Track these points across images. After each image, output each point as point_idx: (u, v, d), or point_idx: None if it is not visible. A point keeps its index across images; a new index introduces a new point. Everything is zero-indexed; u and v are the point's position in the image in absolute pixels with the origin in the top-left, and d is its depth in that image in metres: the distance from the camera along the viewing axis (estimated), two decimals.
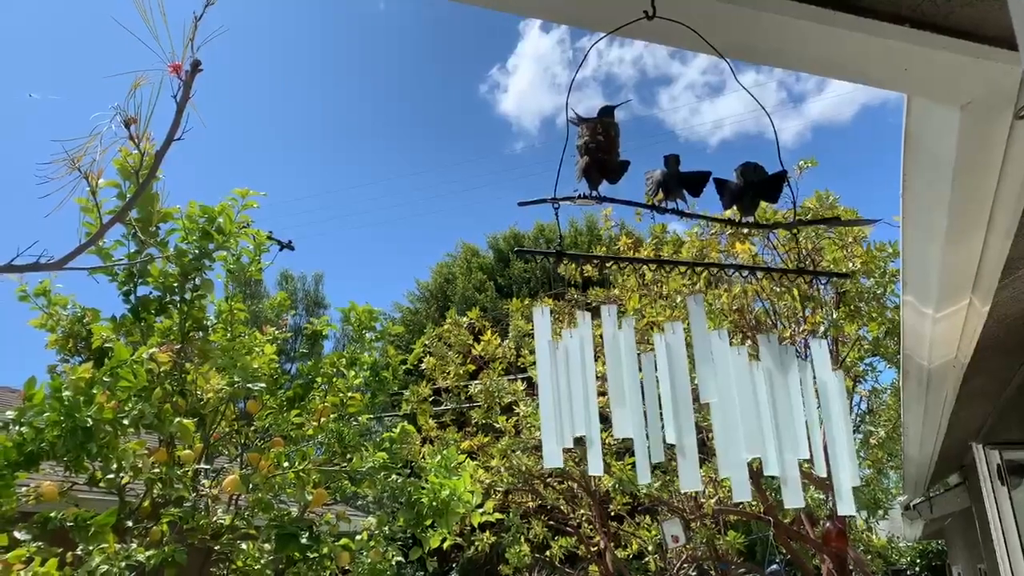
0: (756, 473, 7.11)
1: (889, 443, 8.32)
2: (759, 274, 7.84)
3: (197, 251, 4.68)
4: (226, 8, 2.06)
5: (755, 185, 1.92)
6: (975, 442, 5.31)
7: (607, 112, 1.87)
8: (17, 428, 3.65)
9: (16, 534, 3.60)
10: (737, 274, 7.80)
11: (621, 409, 1.84)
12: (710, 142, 31.02)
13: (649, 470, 1.88)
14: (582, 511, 11.25)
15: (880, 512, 9.40)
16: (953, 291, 2.96)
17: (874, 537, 10.97)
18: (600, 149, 1.82)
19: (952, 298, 3.04)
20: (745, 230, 7.64)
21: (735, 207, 1.96)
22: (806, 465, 1.99)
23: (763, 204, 2.23)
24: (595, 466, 1.86)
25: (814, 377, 1.98)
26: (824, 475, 1.96)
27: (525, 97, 40.09)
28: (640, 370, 1.92)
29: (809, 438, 1.91)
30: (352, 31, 38.82)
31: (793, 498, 1.90)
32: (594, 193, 1.83)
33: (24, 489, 3.85)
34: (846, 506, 1.91)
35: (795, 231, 2.31)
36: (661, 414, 1.91)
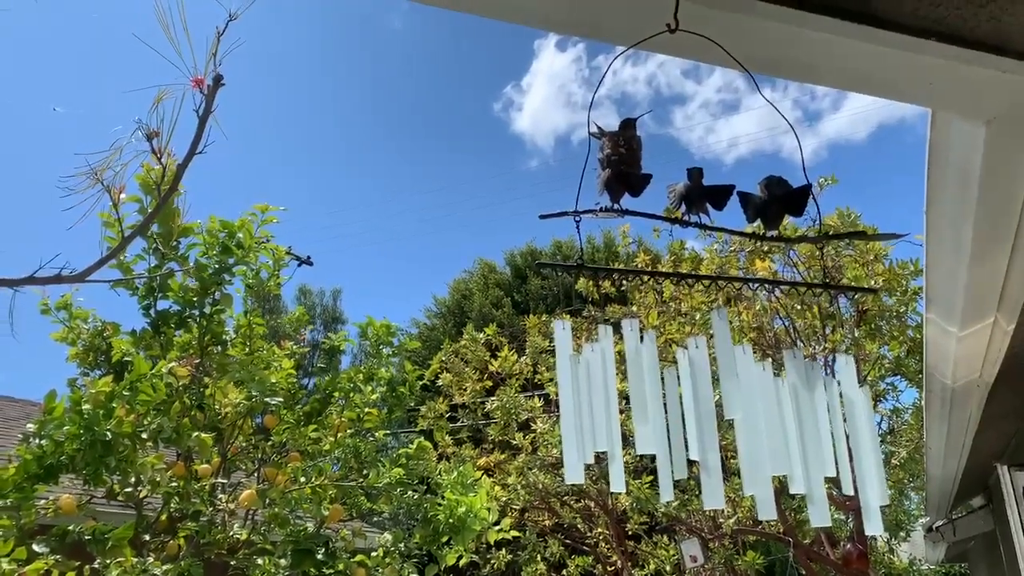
0: (776, 493, 7.03)
1: (911, 464, 8.22)
2: (779, 292, 7.80)
3: (217, 266, 4.71)
4: (247, 27, 2.07)
5: (780, 199, 1.90)
6: (1000, 463, 5.22)
7: (628, 124, 1.86)
8: (37, 441, 3.67)
9: (35, 547, 3.61)
10: (758, 291, 7.76)
11: (644, 425, 1.82)
12: (725, 160, 30.88)
13: (672, 487, 1.85)
14: (599, 530, 11.16)
15: (902, 534, 9.26)
16: (978, 309, 2.92)
17: (896, 559, 10.81)
18: (622, 162, 1.80)
19: (977, 316, 2.99)
20: (765, 248, 7.60)
21: (759, 221, 1.94)
22: (826, 485, 1.96)
23: (783, 222, 2.21)
24: (617, 483, 1.84)
25: (840, 393, 1.94)
26: (851, 493, 1.92)
27: (540, 115, 40.15)
28: (663, 384, 1.90)
29: (836, 455, 1.87)
30: (368, 49, 39.15)
31: (819, 516, 1.86)
32: (616, 206, 1.82)
33: (43, 502, 3.86)
34: (874, 525, 1.86)
35: (820, 246, 2.29)
36: (684, 430, 1.88)
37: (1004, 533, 6.12)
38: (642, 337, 1.90)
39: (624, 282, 9.09)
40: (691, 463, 1.92)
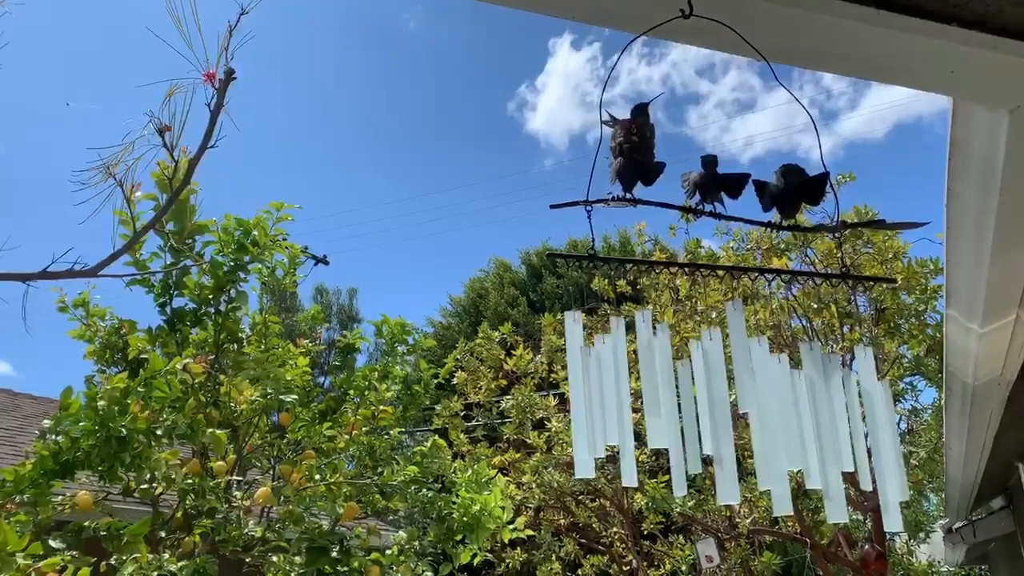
0: (793, 493, 6.97)
1: (930, 464, 8.13)
2: (796, 291, 7.74)
3: (232, 263, 4.72)
4: (261, 26, 2.07)
5: (796, 187, 1.86)
6: (1021, 464, 5.15)
7: (641, 111, 1.83)
8: (54, 437, 3.68)
9: (51, 542, 3.62)
10: (775, 288, 7.70)
11: (656, 419, 1.79)
12: (741, 159, 30.62)
13: (685, 482, 1.82)
14: (614, 529, 11.12)
15: (921, 535, 9.16)
16: (999, 305, 2.87)
17: (914, 561, 10.69)
18: (635, 150, 1.77)
19: (998, 312, 2.94)
20: (782, 245, 7.54)
21: (775, 212, 1.91)
22: (844, 484, 1.92)
23: (799, 219, 2.17)
24: (628, 477, 1.81)
25: (858, 386, 1.91)
26: (870, 488, 1.89)
27: (554, 115, 39.97)
28: (676, 379, 1.87)
29: (853, 449, 1.84)
30: (383, 50, 39.23)
31: (837, 512, 1.82)
32: (628, 195, 1.79)
33: (60, 498, 3.88)
34: (893, 521, 1.82)
35: (837, 235, 2.23)
36: (698, 424, 1.85)
37: None
38: (655, 329, 1.87)
39: (639, 281, 9.06)
40: (707, 462, 1.89)
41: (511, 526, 5.10)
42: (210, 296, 4.73)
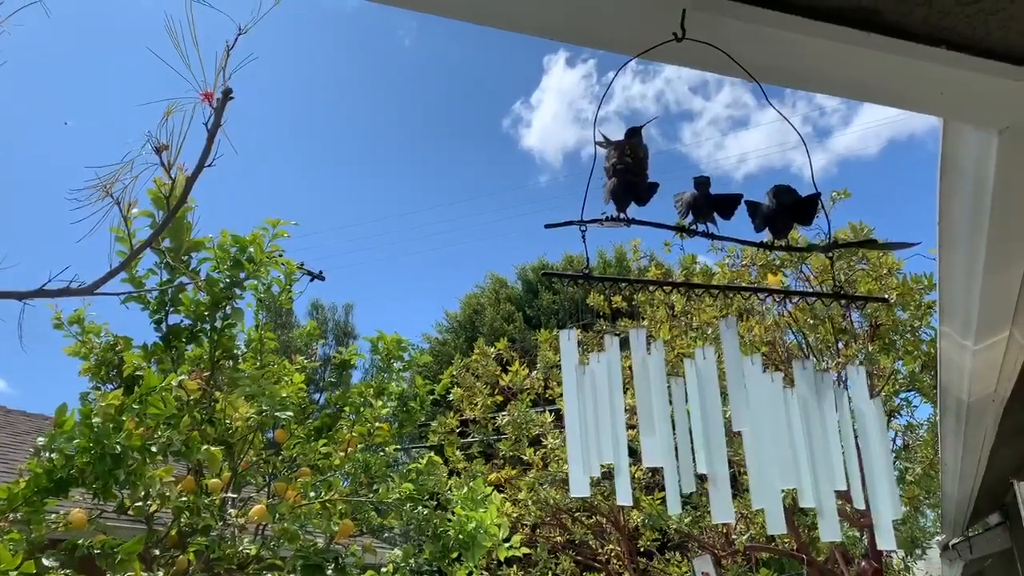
0: (788, 509, 6.96)
1: (926, 480, 8.12)
2: (791, 307, 7.76)
3: (228, 280, 4.72)
4: (261, 46, 2.08)
5: (788, 208, 1.88)
6: (1017, 480, 5.15)
7: (634, 133, 1.85)
8: (48, 454, 3.67)
9: (44, 560, 3.60)
10: (769, 305, 7.72)
11: (651, 437, 1.79)
12: (735, 176, 30.77)
13: (680, 500, 1.83)
14: (611, 547, 11.07)
15: (917, 551, 9.14)
16: (992, 322, 2.88)
17: None
18: (628, 171, 1.79)
19: (991, 330, 2.95)
20: (777, 262, 7.57)
21: (767, 231, 1.92)
22: (839, 500, 1.92)
23: (794, 236, 2.19)
24: (623, 496, 1.81)
25: (851, 405, 1.92)
26: (863, 507, 1.89)
27: (549, 132, 40.17)
28: (670, 398, 1.87)
29: (846, 468, 1.85)
30: (378, 67, 39.50)
31: (830, 531, 1.82)
32: (622, 215, 1.81)
33: (54, 516, 3.86)
34: (886, 540, 1.83)
35: (830, 255, 2.26)
36: (692, 442, 1.86)
37: (1021, 551, 6.04)
38: (649, 347, 1.88)
39: (635, 297, 9.08)
40: (702, 480, 1.89)
41: (507, 544, 5.09)
42: (206, 313, 4.73)
